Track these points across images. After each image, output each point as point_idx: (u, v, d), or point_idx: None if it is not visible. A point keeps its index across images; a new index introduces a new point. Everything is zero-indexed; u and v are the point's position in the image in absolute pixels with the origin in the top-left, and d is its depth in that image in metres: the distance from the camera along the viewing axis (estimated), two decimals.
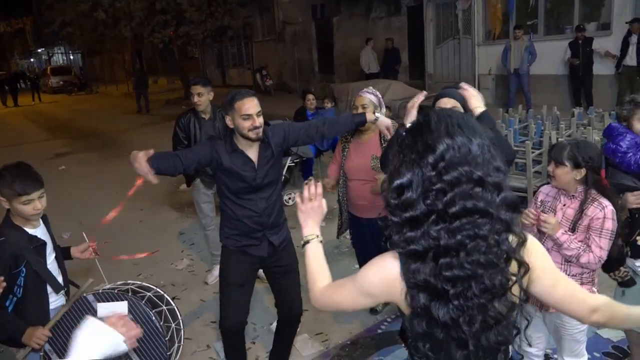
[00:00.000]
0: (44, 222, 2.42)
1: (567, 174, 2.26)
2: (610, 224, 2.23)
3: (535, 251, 1.26)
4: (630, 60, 8.86)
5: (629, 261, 2.60)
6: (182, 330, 2.46)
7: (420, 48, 13.34)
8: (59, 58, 44.72)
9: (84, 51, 34.32)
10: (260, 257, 2.78)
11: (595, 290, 2.41)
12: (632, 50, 8.80)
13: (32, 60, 51.81)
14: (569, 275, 2.31)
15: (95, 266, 2.72)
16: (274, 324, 3.29)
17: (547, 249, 2.32)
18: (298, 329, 3.58)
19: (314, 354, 3.36)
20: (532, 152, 5.33)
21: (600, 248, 2.23)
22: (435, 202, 1.11)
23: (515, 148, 5.35)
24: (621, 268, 2.56)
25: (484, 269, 1.13)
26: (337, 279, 1.41)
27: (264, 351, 3.39)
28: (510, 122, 6.47)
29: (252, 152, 2.66)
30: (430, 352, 1.21)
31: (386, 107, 3.77)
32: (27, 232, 2.29)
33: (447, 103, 2.44)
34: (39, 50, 46.63)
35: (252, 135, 2.59)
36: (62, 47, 39.78)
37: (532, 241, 1.26)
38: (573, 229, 2.30)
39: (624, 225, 2.55)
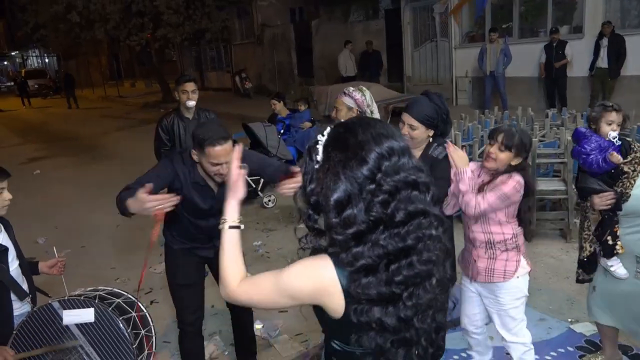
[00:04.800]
0: (5, 228, 2.37)
1: (508, 159, 2.38)
2: (508, 189, 2.35)
3: None
4: (602, 62, 9.09)
5: (602, 260, 2.68)
6: (154, 337, 2.43)
7: (399, 51, 13.46)
8: (33, 61, 43.91)
9: (59, 54, 33.76)
10: (205, 257, 2.84)
11: (522, 258, 2.51)
12: (603, 52, 9.03)
13: (5, 63, 50.78)
14: (494, 242, 2.46)
15: (60, 280, 2.67)
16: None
17: (468, 225, 2.49)
18: (278, 329, 3.60)
19: (294, 355, 3.36)
20: None
21: (484, 199, 2.35)
22: (380, 212, 1.11)
23: None
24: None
25: (434, 265, 1.17)
26: None
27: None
28: (486, 123, 6.58)
29: (214, 183, 2.61)
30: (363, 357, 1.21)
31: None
32: None
33: (406, 119, 2.55)
34: (13, 53, 45.73)
35: (216, 179, 2.51)
36: (37, 50, 39.09)
37: None
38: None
39: (598, 226, 2.66)
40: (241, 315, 3.09)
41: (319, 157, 1.19)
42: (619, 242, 2.57)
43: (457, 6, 11.69)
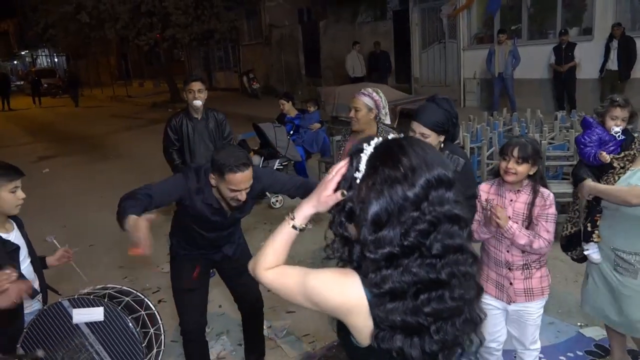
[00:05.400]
0: (18, 226, 2.38)
1: (527, 170, 2.40)
2: (553, 209, 2.42)
3: None
4: (612, 64, 9.02)
5: (583, 244, 2.79)
6: (163, 335, 2.44)
7: (407, 52, 13.44)
8: (43, 61, 44.24)
9: (69, 54, 33.98)
10: (212, 260, 2.83)
11: (548, 273, 2.57)
12: (613, 54, 8.96)
13: (15, 62, 51.18)
14: (532, 262, 2.49)
15: (74, 270, 2.69)
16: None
17: (506, 247, 2.44)
18: (285, 330, 3.61)
19: (301, 355, 3.36)
20: None
21: (547, 232, 2.38)
22: (417, 241, 1.09)
23: None
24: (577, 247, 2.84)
25: (465, 303, 1.15)
26: None
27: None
28: (494, 125, 6.55)
29: (228, 206, 2.59)
30: None
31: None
32: (0, 237, 2.25)
33: (417, 127, 2.48)
34: (23, 53, 46.10)
35: (232, 203, 2.48)
36: (47, 50, 39.38)
37: None
38: (529, 222, 2.43)
39: (587, 213, 2.77)
40: (252, 317, 3.08)
41: (362, 167, 1.16)
42: (596, 231, 2.68)
43: (462, 7, 11.66)
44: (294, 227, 1.32)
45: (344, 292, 1.17)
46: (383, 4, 14.48)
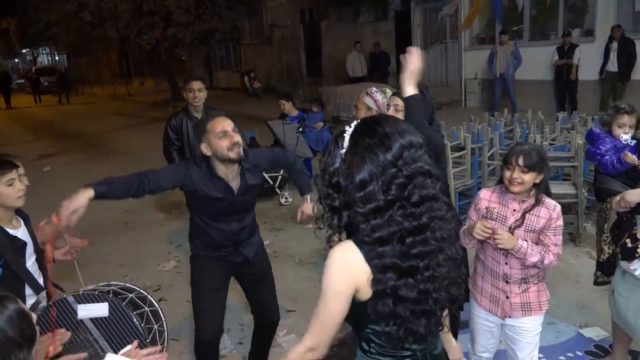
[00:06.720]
0: (25, 223, 2.37)
1: (533, 179, 2.25)
2: (561, 222, 2.30)
3: None
4: (612, 66, 9.03)
5: (622, 263, 2.61)
6: (166, 332, 2.44)
7: None
8: (43, 59, 44.25)
9: (70, 52, 33.97)
10: (233, 263, 2.78)
11: (545, 288, 2.43)
12: (613, 56, 8.97)
13: (16, 60, 51.21)
14: (530, 276, 2.35)
15: (75, 269, 2.69)
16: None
17: (504, 259, 2.34)
18: (286, 329, 3.61)
19: None
20: None
21: (556, 245, 2.27)
22: (398, 193, 1.30)
23: (501, 151, 5.43)
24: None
25: (445, 242, 1.36)
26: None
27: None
28: (496, 126, 6.56)
29: (232, 179, 2.59)
30: (393, 330, 1.36)
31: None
32: (8, 232, 2.23)
33: (392, 100, 2.64)
34: (24, 51, 46.13)
35: (232, 155, 2.46)
36: (47, 48, 39.37)
37: None
38: (535, 233, 2.30)
39: (615, 228, 2.64)
40: (267, 328, 3.02)
41: (346, 144, 1.36)
42: None
43: (468, 19, 11.65)
44: None
45: (344, 258, 1.35)
46: (385, 4, 14.49)
